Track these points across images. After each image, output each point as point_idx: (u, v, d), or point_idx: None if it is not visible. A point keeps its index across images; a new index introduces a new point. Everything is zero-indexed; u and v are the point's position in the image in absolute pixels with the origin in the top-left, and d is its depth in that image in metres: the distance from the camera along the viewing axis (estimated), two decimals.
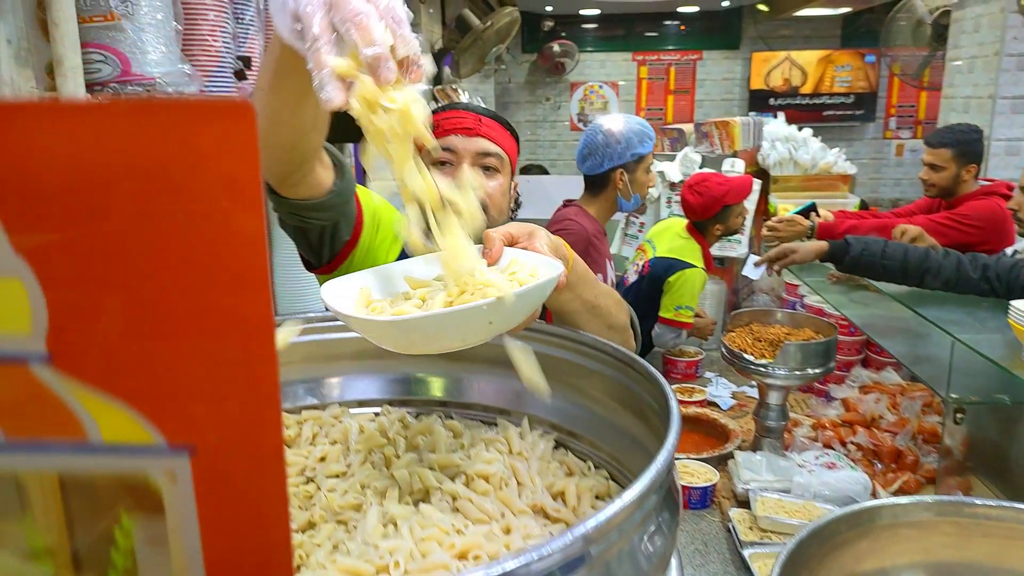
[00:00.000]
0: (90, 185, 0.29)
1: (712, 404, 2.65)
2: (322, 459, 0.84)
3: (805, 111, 7.79)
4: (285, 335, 0.79)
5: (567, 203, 2.45)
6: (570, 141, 8.54)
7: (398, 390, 1.00)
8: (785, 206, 3.08)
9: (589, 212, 2.37)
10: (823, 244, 2.12)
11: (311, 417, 0.92)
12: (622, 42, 8.26)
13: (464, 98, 4.28)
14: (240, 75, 1.72)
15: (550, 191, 4.41)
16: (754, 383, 2.79)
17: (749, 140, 3.22)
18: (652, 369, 0.70)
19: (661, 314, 2.86)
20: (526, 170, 7.89)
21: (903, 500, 0.97)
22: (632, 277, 3.01)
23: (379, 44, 0.60)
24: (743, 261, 3.19)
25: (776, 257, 2.27)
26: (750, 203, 3.22)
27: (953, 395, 1.76)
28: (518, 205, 3.28)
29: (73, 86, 1.03)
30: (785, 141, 3.14)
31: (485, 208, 1.26)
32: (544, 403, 0.91)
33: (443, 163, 1.27)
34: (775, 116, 3.60)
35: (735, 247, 3.17)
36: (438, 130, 1.28)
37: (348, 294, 0.76)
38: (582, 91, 8.35)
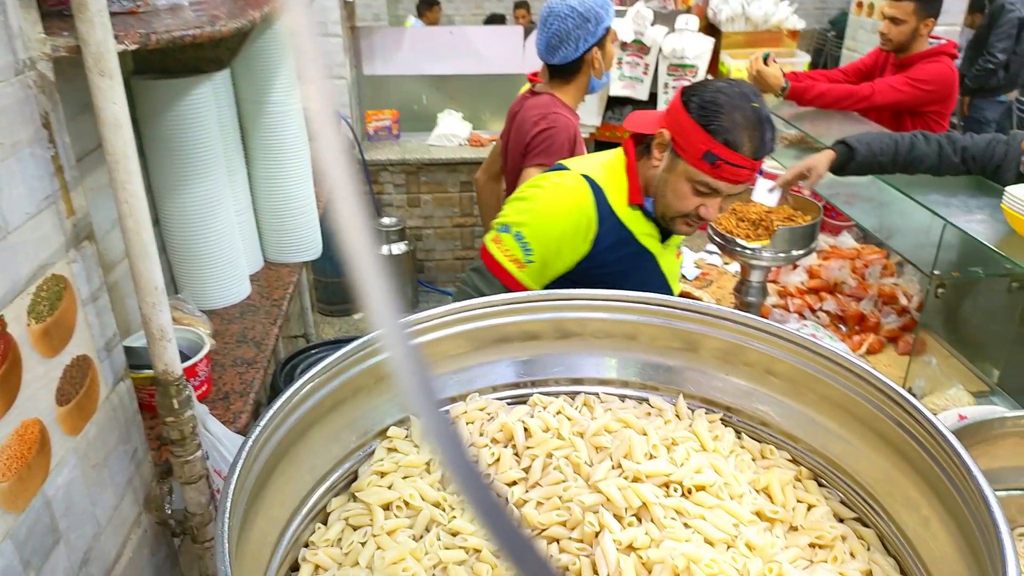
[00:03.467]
0: None
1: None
2: (496, 461, 0.80)
3: None
4: None
5: (534, 91, 2.19)
6: None
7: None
8: (738, 66, 3.04)
9: (565, 102, 2.15)
10: (832, 154, 2.02)
11: (458, 413, 0.86)
12: None
13: None
14: None
15: (479, 48, 4.14)
16: (714, 250, 2.88)
17: None
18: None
19: None
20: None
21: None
22: None
23: None
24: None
25: (794, 179, 2.11)
26: (701, 63, 3.16)
27: (936, 272, 1.89)
28: None
29: (102, 33, 0.82)
30: None
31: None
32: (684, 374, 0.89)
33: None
34: None
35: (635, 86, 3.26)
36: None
37: None
38: None
